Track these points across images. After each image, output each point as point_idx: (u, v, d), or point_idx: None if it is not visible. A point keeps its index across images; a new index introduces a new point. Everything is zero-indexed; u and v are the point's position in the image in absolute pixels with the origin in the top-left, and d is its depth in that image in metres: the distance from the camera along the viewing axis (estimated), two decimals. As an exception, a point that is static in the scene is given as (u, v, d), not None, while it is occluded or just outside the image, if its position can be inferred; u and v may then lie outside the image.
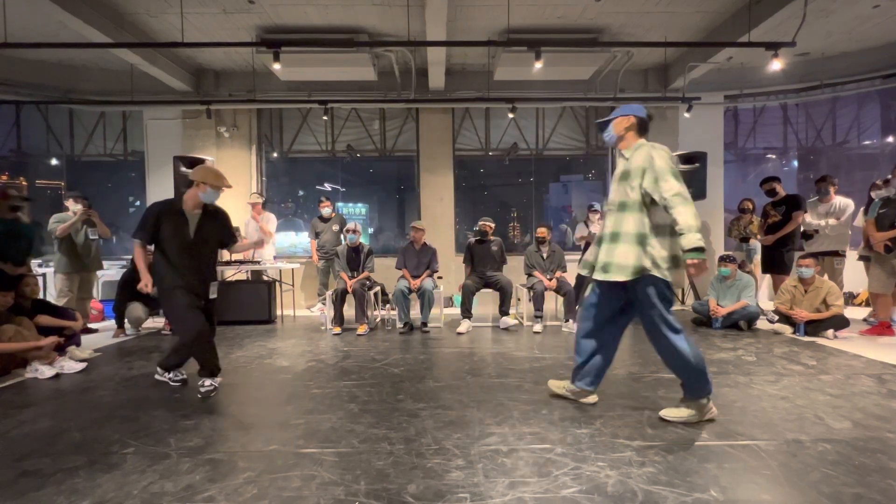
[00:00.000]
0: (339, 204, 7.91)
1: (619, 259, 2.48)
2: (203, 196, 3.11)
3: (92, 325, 5.40)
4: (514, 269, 6.01)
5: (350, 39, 5.69)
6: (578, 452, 2.15)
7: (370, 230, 8.45)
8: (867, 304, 5.98)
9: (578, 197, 8.25)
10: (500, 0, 5.08)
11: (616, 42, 6.03)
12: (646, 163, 2.42)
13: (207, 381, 3.03)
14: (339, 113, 7.49)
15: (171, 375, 3.30)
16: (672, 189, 2.34)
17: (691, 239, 2.31)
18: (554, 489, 1.84)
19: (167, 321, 3.16)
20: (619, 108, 2.67)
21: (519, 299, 5.90)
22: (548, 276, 5.29)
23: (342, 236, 5.51)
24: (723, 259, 5.13)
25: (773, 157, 8.39)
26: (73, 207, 5.11)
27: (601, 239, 2.65)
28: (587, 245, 6.13)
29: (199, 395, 2.99)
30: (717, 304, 5.04)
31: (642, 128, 2.59)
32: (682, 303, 6.79)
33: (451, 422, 2.53)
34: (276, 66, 5.32)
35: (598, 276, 2.61)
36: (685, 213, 2.32)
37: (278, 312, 6.03)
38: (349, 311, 5.27)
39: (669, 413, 2.53)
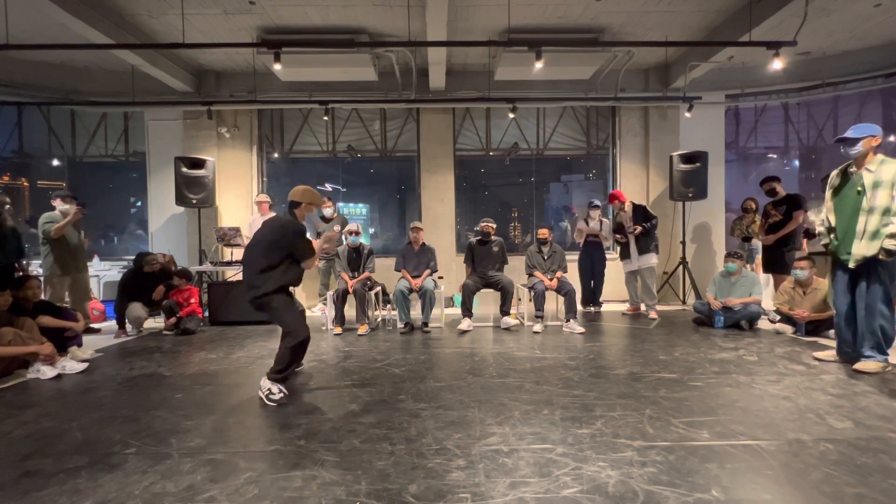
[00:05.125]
0: (340, 204, 7.91)
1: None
2: (309, 216, 3.40)
3: (94, 326, 5.40)
4: (515, 269, 6.01)
5: (350, 40, 5.69)
6: (579, 452, 2.15)
7: (371, 230, 8.45)
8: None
9: (579, 197, 8.24)
10: (500, 0, 5.08)
11: (617, 42, 6.03)
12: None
13: (276, 388, 3.00)
14: (340, 113, 7.49)
15: (278, 391, 2.99)
16: None
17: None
18: (555, 489, 1.84)
19: (281, 325, 3.08)
20: (859, 126, 3.28)
21: (520, 299, 5.90)
22: (549, 277, 5.29)
23: (343, 237, 5.52)
24: (730, 255, 5.11)
25: (775, 156, 8.38)
26: (62, 207, 4.93)
27: (855, 235, 3.28)
28: (587, 242, 6.13)
29: (271, 402, 2.93)
30: (716, 300, 5.04)
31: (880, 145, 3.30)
32: (683, 302, 6.79)
33: (452, 422, 2.53)
34: (277, 67, 5.33)
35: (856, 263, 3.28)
36: None
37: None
38: (350, 311, 5.27)
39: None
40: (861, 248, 3.24)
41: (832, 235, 3.50)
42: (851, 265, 3.29)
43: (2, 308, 3.67)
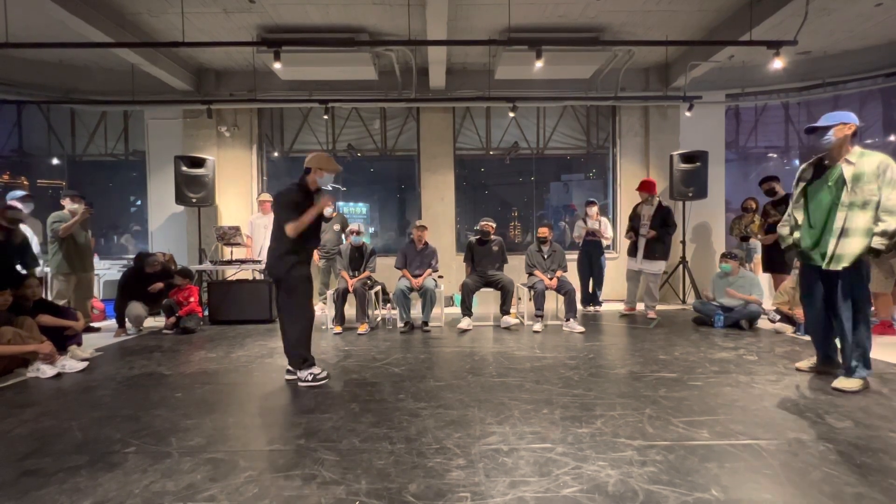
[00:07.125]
0: (340, 203, 7.90)
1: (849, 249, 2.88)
2: (321, 181, 3.31)
3: (94, 325, 5.40)
4: (514, 269, 6.01)
5: (351, 39, 5.68)
6: (579, 452, 2.15)
7: (371, 230, 8.45)
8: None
9: (579, 196, 8.24)
10: (500, -1, 5.07)
11: (617, 41, 6.02)
12: (880, 169, 2.81)
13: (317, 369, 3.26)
14: (340, 112, 7.49)
15: (315, 373, 3.23)
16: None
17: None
18: (555, 489, 1.84)
19: (285, 311, 3.27)
20: (830, 115, 2.98)
21: (520, 298, 5.90)
22: (548, 276, 5.28)
23: (343, 236, 5.51)
24: (724, 256, 5.12)
25: (775, 155, 8.38)
26: (71, 207, 5.02)
27: (831, 234, 2.94)
28: (586, 241, 6.12)
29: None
30: (716, 300, 5.11)
31: (856, 134, 2.96)
32: (683, 302, 6.78)
33: (452, 421, 2.53)
34: (277, 66, 5.32)
35: (832, 265, 2.94)
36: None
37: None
38: (350, 310, 5.27)
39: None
40: (842, 247, 2.87)
41: (796, 234, 3.16)
42: (832, 266, 2.90)
43: (1, 307, 3.67)
